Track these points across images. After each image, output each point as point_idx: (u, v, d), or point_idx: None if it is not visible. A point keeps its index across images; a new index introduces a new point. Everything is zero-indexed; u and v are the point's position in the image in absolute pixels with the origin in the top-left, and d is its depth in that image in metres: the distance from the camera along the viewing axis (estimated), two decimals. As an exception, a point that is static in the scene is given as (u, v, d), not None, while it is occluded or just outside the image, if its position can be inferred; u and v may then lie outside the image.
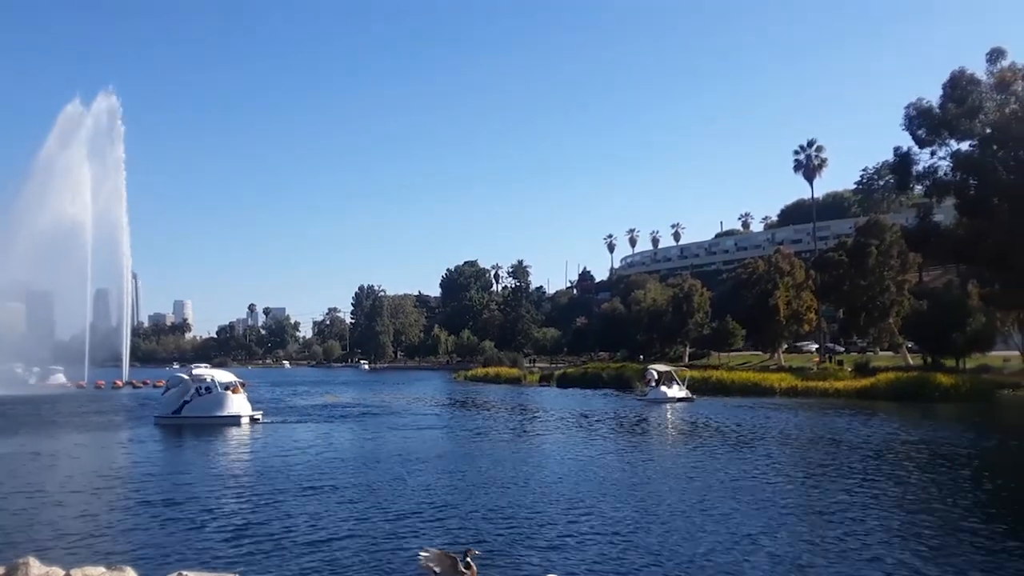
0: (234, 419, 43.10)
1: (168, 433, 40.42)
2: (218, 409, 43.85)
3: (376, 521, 18.17)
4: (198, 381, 45.67)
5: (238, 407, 44.16)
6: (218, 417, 43.21)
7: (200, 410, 43.84)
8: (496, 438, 37.92)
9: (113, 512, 19.57)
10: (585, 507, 19.71)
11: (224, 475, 25.95)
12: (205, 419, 43.00)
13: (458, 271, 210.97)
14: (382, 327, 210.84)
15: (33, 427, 43.42)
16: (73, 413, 53.85)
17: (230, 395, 44.58)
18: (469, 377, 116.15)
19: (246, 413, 44.15)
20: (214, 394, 44.57)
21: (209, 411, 43.73)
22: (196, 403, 44.25)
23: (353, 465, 27.51)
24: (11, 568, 7.66)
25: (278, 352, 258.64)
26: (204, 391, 44.72)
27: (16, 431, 40.61)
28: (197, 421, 42.94)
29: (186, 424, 42.85)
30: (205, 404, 44.14)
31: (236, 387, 45.70)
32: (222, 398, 44.29)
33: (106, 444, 35.42)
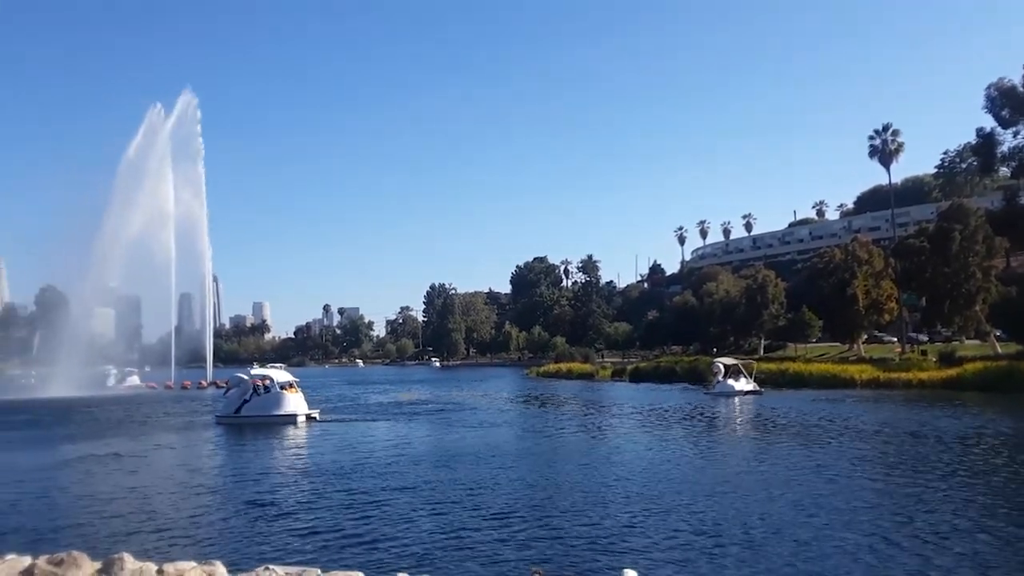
0: (291, 418, 43.95)
1: (230, 432, 41.47)
2: (275, 408, 44.79)
3: (449, 519, 18.31)
4: (256, 381, 46.79)
5: (294, 406, 44.95)
6: (275, 416, 44.14)
7: (258, 409, 44.85)
8: (569, 434, 37.91)
9: (195, 509, 20.26)
10: (663, 504, 19.51)
11: (292, 472, 26.49)
12: (263, 418, 44.05)
13: (528, 267, 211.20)
14: (454, 325, 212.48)
15: (113, 428, 45.09)
16: (150, 414, 55.79)
17: (286, 394, 45.43)
18: (541, 373, 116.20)
19: (302, 412, 44.94)
20: (272, 393, 45.59)
21: (267, 410, 44.71)
22: (255, 402, 45.31)
23: (426, 463, 27.73)
24: (107, 563, 8.05)
25: (353, 351, 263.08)
26: (262, 391, 45.75)
27: (98, 433, 42.21)
28: (256, 420, 43.99)
29: (246, 423, 43.95)
30: (263, 403, 45.17)
31: (292, 386, 46.61)
32: (279, 397, 45.21)
33: (178, 444, 36.49)
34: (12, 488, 23.43)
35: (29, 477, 25.78)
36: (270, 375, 48.34)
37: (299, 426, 42.70)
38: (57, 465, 28.78)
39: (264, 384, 46.31)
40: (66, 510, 20.15)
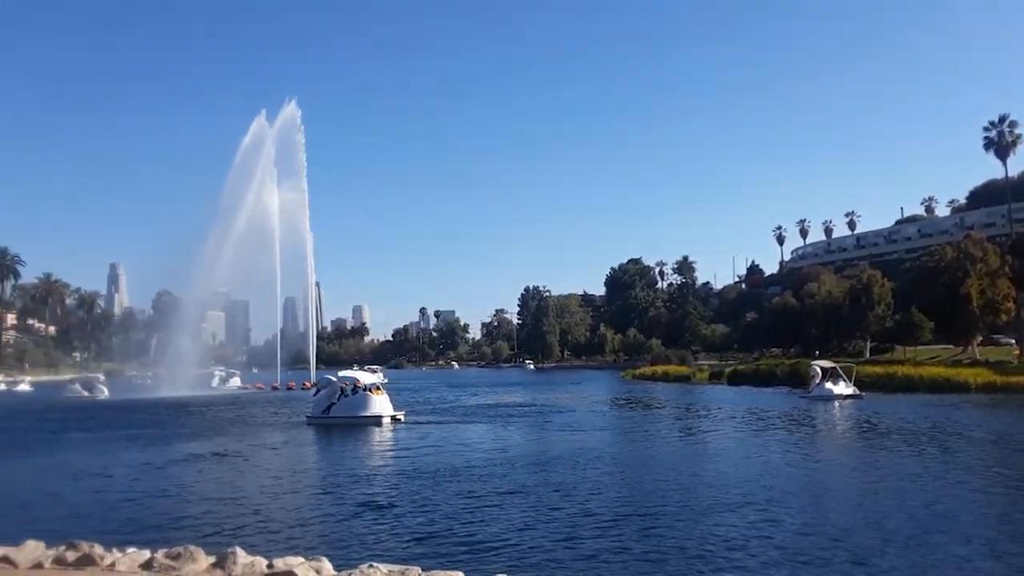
0: (376, 419, 44.85)
1: (319, 432, 42.67)
2: (361, 409, 45.72)
3: (546, 521, 18.34)
4: (343, 384, 47.92)
5: (379, 407, 45.86)
6: (362, 417, 45.12)
7: (345, 410, 45.88)
8: (666, 438, 37.51)
9: (298, 506, 20.94)
10: (766, 514, 18.98)
11: (387, 472, 27.01)
12: (350, 419, 45.05)
13: (622, 269, 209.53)
14: (548, 327, 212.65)
15: (219, 427, 46.99)
16: (254, 413, 57.86)
17: (372, 396, 46.37)
18: (637, 375, 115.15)
19: (387, 413, 45.80)
20: (358, 395, 46.55)
21: (353, 411, 45.71)
22: (342, 404, 46.36)
23: (522, 465, 27.80)
24: (221, 557, 8.50)
25: (449, 353, 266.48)
26: (349, 393, 46.87)
27: (206, 432, 44.05)
28: (343, 421, 45.05)
29: (333, 424, 45.01)
30: (350, 405, 46.19)
31: (378, 388, 47.69)
32: (365, 399, 46.15)
33: (276, 443, 37.63)
34: (133, 484, 24.81)
35: (147, 474, 27.22)
36: (356, 377, 49.45)
37: (384, 427, 43.57)
38: (171, 463, 30.21)
39: (351, 386, 47.42)
40: (180, 506, 21.16)
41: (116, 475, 26.99)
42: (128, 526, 18.13)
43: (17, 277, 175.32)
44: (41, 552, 8.83)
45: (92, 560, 8.53)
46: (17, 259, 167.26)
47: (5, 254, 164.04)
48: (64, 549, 8.91)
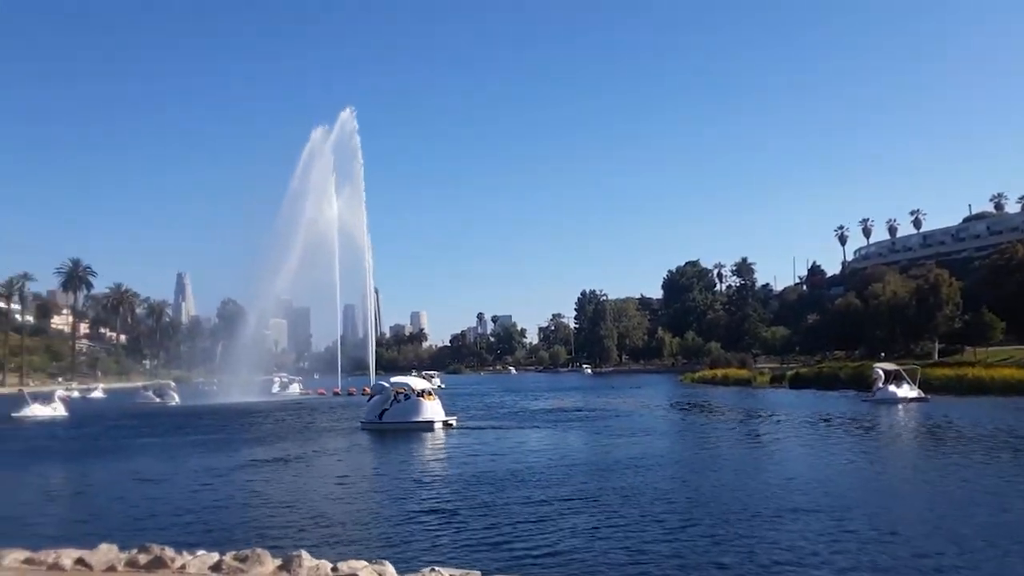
0: (428, 424, 45.09)
1: (374, 437, 43.15)
2: (414, 415, 45.96)
3: (607, 527, 18.24)
4: (397, 389, 48.35)
5: (431, 413, 46.08)
6: (414, 422, 45.37)
7: (398, 416, 46.18)
8: (727, 442, 37.01)
9: (360, 511, 21.24)
10: (831, 522, 18.52)
11: (445, 476, 27.15)
12: (403, 424, 45.35)
13: (679, 272, 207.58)
14: (606, 331, 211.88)
15: (280, 432, 47.94)
16: (314, 418, 58.84)
17: (424, 402, 46.58)
18: (696, 379, 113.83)
19: (439, 419, 46.00)
20: (410, 401, 46.78)
21: (406, 417, 45.96)
22: (395, 409, 46.69)
23: (581, 470, 27.65)
24: (287, 560, 8.74)
25: (506, 358, 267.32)
26: (402, 398, 47.21)
27: (268, 437, 45.01)
28: (396, 426, 45.35)
29: (387, 429, 45.37)
30: (402, 410, 46.47)
31: (430, 394, 47.95)
32: (417, 404, 46.36)
33: (335, 448, 38.06)
34: (201, 489, 25.49)
35: (214, 479, 27.91)
36: (408, 383, 49.84)
37: (436, 432, 43.80)
38: (236, 468, 30.91)
39: (403, 392, 47.90)
40: (245, 510, 21.66)
41: (185, 480, 27.76)
42: (196, 529, 18.64)
43: (90, 288, 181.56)
44: (114, 555, 9.18)
45: (163, 563, 8.85)
46: (89, 270, 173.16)
47: (78, 265, 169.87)
48: (136, 552, 9.26)
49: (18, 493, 25.59)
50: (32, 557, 9.30)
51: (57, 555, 9.20)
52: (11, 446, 42.31)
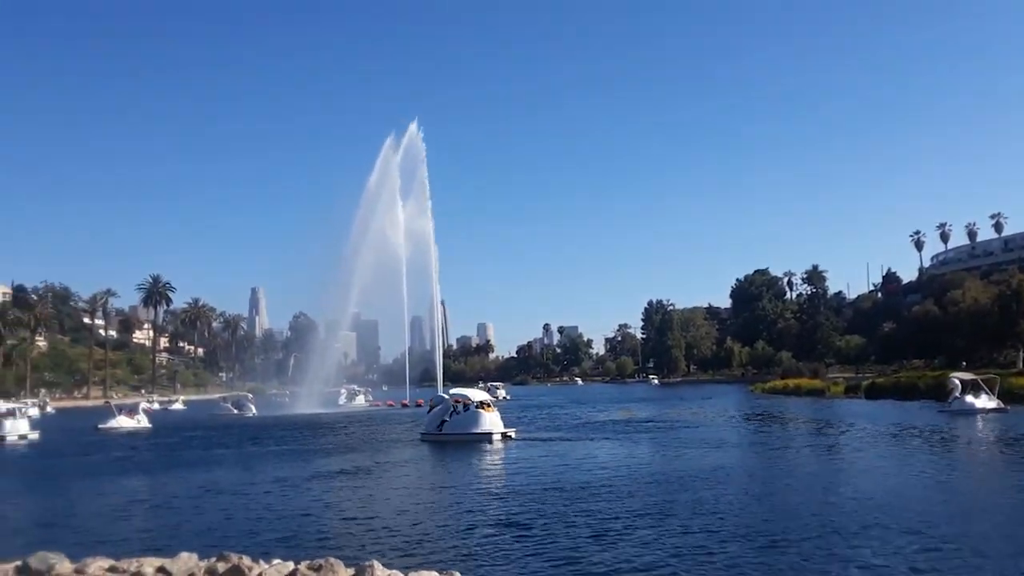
0: (486, 436, 45.03)
1: (434, 448, 43.50)
2: (472, 426, 46.02)
3: (681, 542, 17.94)
4: (456, 400, 48.52)
5: (490, 425, 46.05)
6: (472, 434, 45.44)
7: (457, 427, 46.31)
8: (801, 454, 36.18)
9: (426, 522, 21.41)
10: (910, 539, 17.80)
11: (510, 488, 27.10)
12: (461, 435, 45.46)
13: (748, 280, 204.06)
14: (673, 341, 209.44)
15: (348, 443, 48.94)
16: (381, 429, 59.60)
17: (482, 413, 46.58)
18: (766, 390, 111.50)
19: (498, 430, 45.91)
20: (469, 412, 46.88)
21: (465, 428, 46.06)
22: (454, 421, 46.81)
23: (649, 483, 27.34)
24: (359, 570, 8.87)
25: (573, 369, 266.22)
26: (461, 410, 47.34)
27: (336, 447, 45.92)
28: (455, 438, 45.48)
29: (446, 440, 45.56)
30: (461, 422, 46.60)
31: (488, 406, 47.93)
32: (476, 416, 46.40)
33: (400, 459, 38.53)
34: (275, 499, 26.11)
35: (287, 489, 28.57)
36: (467, 394, 49.97)
37: (495, 444, 43.85)
38: (308, 478, 31.51)
39: (462, 403, 48.05)
40: (317, 520, 22.08)
41: (259, 490, 28.42)
42: (270, 539, 19.10)
43: (169, 303, 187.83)
44: (194, 563, 9.46)
45: (240, 572, 9.09)
46: (168, 286, 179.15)
47: (158, 281, 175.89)
48: (215, 561, 9.52)
49: (103, 502, 26.58)
50: (115, 565, 9.63)
51: (139, 563, 9.51)
52: (98, 457, 44.03)
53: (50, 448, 50.58)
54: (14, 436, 56.62)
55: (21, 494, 30.01)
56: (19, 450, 50.91)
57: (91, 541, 18.39)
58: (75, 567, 9.60)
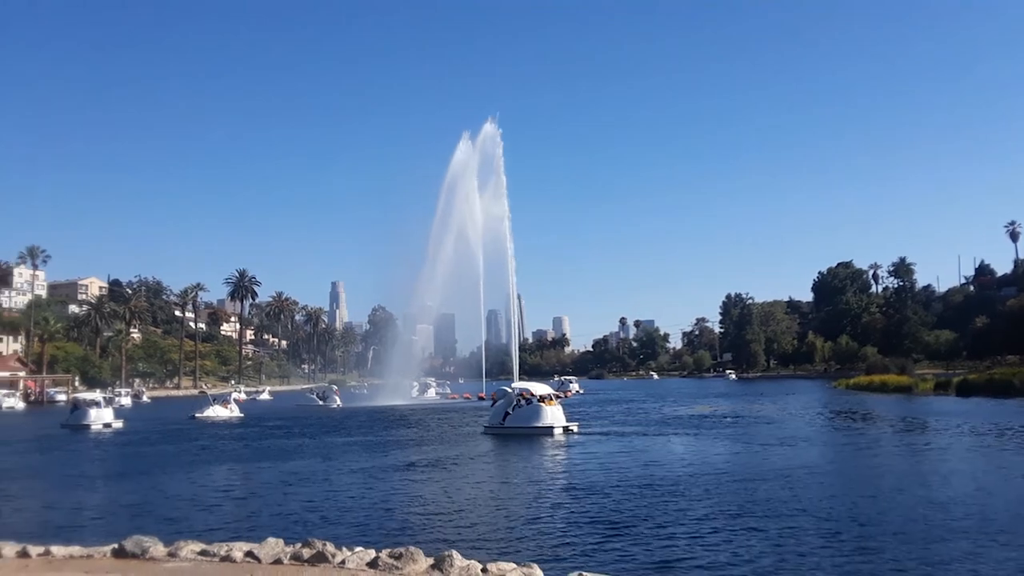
0: (548, 429, 45.20)
1: (498, 441, 43.93)
2: (535, 420, 46.15)
3: (761, 541, 17.61)
4: (518, 394, 48.65)
5: (552, 418, 46.14)
6: (534, 427, 45.63)
7: (520, 421, 46.49)
8: (890, 454, 34.95)
9: (502, 513, 21.64)
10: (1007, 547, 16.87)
11: (581, 481, 26.99)
12: (524, 429, 45.69)
13: (831, 273, 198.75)
14: (752, 335, 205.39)
15: (420, 434, 50.04)
16: (452, 422, 60.34)
17: (545, 407, 46.66)
18: (851, 386, 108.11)
19: (560, 424, 46.03)
20: (532, 406, 46.96)
21: (527, 422, 46.21)
22: (516, 414, 46.98)
23: (726, 479, 26.85)
24: (439, 559, 9.02)
25: (650, 363, 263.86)
26: (524, 403, 47.42)
27: (410, 439, 46.86)
28: (517, 431, 45.77)
29: (509, 433, 45.87)
30: (524, 415, 46.71)
31: (551, 399, 48.00)
32: (538, 410, 46.50)
33: (471, 452, 38.83)
34: (355, 489, 26.73)
35: (367, 479, 29.25)
36: (529, 388, 50.12)
37: (556, 438, 43.95)
38: (384, 468, 32.21)
39: (525, 397, 48.16)
40: (394, 509, 22.53)
41: (340, 479, 29.15)
42: (350, 526, 19.60)
43: (255, 297, 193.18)
44: (280, 549, 9.78)
45: (325, 558, 9.35)
46: (254, 280, 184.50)
47: (244, 276, 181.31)
48: (300, 547, 9.82)
49: (193, 489, 27.64)
50: (207, 549, 10.04)
51: (229, 548, 9.89)
52: (195, 444, 45.91)
53: (135, 436, 52.66)
54: (99, 425, 59.38)
55: (112, 480, 31.28)
56: (104, 438, 53.01)
57: (183, 527, 19.16)
58: (168, 550, 10.03)
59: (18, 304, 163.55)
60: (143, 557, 9.80)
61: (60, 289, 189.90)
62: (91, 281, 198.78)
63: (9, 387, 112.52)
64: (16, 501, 25.70)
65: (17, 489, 28.59)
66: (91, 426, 58.73)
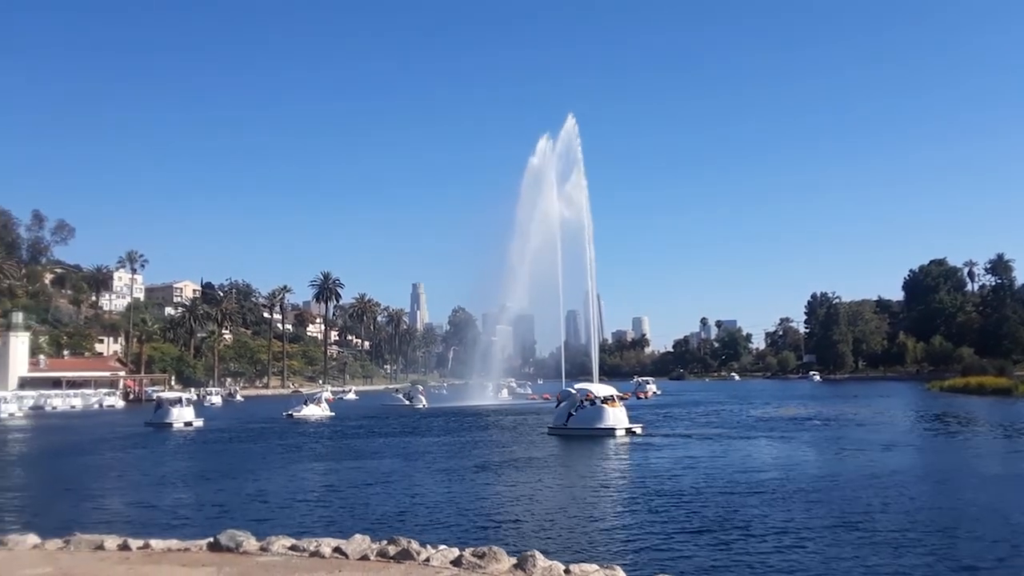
0: (610, 431, 44.91)
1: (562, 441, 44.10)
2: (597, 421, 45.96)
3: (856, 552, 16.99)
4: (582, 395, 48.54)
5: (614, 420, 45.83)
6: (597, 428, 45.42)
7: (582, 422, 46.43)
8: (993, 461, 33.38)
9: (582, 515, 21.58)
10: None
11: (657, 484, 26.66)
12: (586, 430, 45.59)
13: (923, 271, 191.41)
14: (839, 335, 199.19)
15: (496, 434, 50.81)
16: (527, 422, 60.53)
17: (607, 408, 46.36)
18: (945, 388, 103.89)
19: (622, 426, 45.68)
20: (595, 407, 46.80)
21: (590, 423, 46.08)
22: (579, 415, 46.98)
23: (816, 488, 25.87)
24: (521, 559, 9.06)
25: (732, 364, 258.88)
26: (588, 404, 47.21)
27: (488, 440, 47.59)
28: (580, 432, 45.68)
29: (572, 434, 45.81)
30: (587, 416, 46.60)
31: (613, 400, 47.62)
32: (601, 411, 46.26)
33: (546, 453, 38.89)
34: (439, 488, 27.23)
35: (448, 478, 29.71)
36: (592, 390, 49.86)
37: (618, 439, 43.69)
38: (464, 469, 32.61)
39: (589, 398, 47.94)
40: (474, 509, 22.79)
41: (421, 479, 29.68)
42: (431, 525, 19.97)
43: (339, 299, 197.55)
44: (367, 545, 9.99)
45: (410, 555, 9.50)
46: (338, 282, 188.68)
47: (328, 278, 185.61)
48: (386, 544, 10.01)
49: (291, 485, 28.61)
50: (296, 544, 10.32)
51: (318, 544, 10.15)
52: (283, 443, 47.39)
53: (218, 435, 54.16)
54: (180, 423, 61.22)
55: (199, 478, 32.19)
56: (186, 436, 54.64)
57: (275, 521, 19.77)
58: (260, 544, 10.37)
59: (118, 307, 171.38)
60: (237, 551, 10.15)
61: (157, 292, 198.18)
62: (185, 284, 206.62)
63: (110, 386, 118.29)
64: (108, 497, 26.86)
65: (110, 486, 29.89)
66: (173, 424, 60.64)
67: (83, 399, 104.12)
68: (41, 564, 9.77)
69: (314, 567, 9.28)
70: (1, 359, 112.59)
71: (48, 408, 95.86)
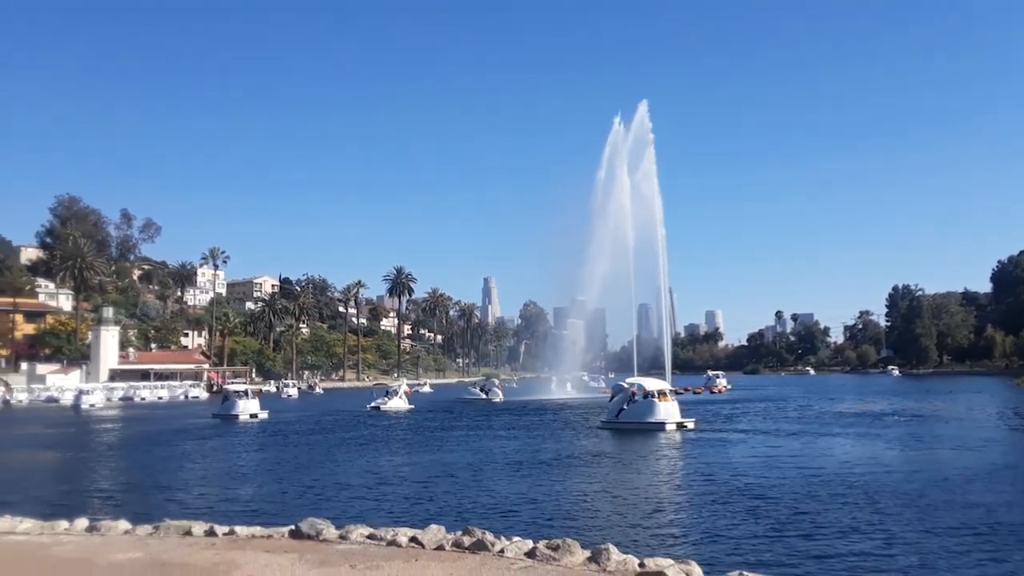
0: (659, 425, 44.66)
1: (614, 435, 43.99)
2: (648, 415, 45.74)
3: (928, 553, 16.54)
4: (634, 390, 48.10)
5: (664, 414, 45.52)
6: (647, 423, 45.21)
7: (633, 416, 46.25)
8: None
9: (653, 509, 21.45)
10: None
11: (730, 479, 26.28)
12: (637, 424, 45.42)
13: (1013, 262, 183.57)
14: (922, 329, 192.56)
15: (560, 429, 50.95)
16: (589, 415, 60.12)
17: (658, 403, 46.02)
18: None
19: (673, 420, 45.36)
20: (646, 401, 46.50)
21: (641, 417, 45.87)
22: (631, 409, 46.79)
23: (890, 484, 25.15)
24: (595, 552, 9.11)
25: (809, 358, 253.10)
26: (639, 398, 46.85)
27: (555, 432, 47.84)
28: (630, 426, 45.54)
29: (623, 428, 45.71)
30: (638, 410, 46.38)
31: (665, 395, 47.22)
32: (651, 405, 45.98)
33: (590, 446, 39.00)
34: (509, 480, 27.48)
35: (518, 470, 29.96)
36: (644, 384, 49.38)
37: (668, 433, 43.42)
38: (532, 462, 32.65)
39: (640, 392, 47.56)
40: (542, 501, 22.93)
41: (492, 471, 29.93)
42: (514, 517, 20.13)
43: (411, 293, 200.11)
44: (442, 536, 10.19)
45: (484, 546, 9.66)
46: (411, 277, 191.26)
47: (401, 273, 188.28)
48: (461, 534, 10.19)
49: (369, 476, 29.18)
50: (374, 533, 10.60)
51: (395, 533, 10.40)
52: (353, 435, 48.38)
53: (283, 427, 54.83)
54: (245, 415, 62.55)
55: (277, 467, 33.02)
56: (251, 428, 55.53)
57: (353, 511, 20.24)
58: (339, 533, 10.70)
59: (201, 302, 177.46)
60: (317, 539, 10.49)
61: (237, 287, 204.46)
62: (264, 279, 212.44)
63: (195, 378, 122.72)
64: (190, 486, 27.73)
65: (188, 476, 30.85)
66: (239, 416, 61.97)
67: (169, 390, 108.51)
68: (132, 549, 10.27)
69: (391, 556, 9.51)
70: (93, 352, 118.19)
71: (137, 399, 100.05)
